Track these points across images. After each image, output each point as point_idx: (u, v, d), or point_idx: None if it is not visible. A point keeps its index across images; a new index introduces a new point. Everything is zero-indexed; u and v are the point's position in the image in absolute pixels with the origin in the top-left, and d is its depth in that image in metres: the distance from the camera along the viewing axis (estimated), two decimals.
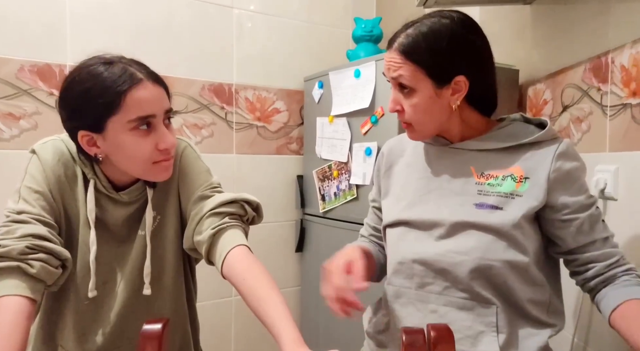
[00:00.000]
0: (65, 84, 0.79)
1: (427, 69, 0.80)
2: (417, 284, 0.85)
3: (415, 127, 0.86)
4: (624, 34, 1.01)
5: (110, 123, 0.76)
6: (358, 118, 1.65)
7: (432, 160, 0.91)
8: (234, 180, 1.96)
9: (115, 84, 0.75)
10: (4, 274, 0.72)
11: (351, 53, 1.94)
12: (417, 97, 0.82)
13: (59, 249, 0.77)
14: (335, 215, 1.80)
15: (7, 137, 1.52)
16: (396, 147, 0.99)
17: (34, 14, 1.53)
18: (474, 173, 0.84)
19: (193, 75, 1.84)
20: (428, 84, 0.81)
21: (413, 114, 0.84)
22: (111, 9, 1.66)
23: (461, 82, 0.81)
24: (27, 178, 0.82)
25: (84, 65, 0.78)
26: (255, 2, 1.96)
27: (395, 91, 0.85)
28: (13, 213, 0.78)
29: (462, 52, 0.81)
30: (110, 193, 0.86)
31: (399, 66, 0.81)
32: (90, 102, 0.75)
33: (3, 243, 0.73)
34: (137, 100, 0.76)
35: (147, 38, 1.74)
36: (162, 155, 0.81)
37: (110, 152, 0.80)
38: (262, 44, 1.99)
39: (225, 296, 1.95)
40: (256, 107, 2.00)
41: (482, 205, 0.81)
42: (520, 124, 0.87)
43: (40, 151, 0.84)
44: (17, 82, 1.52)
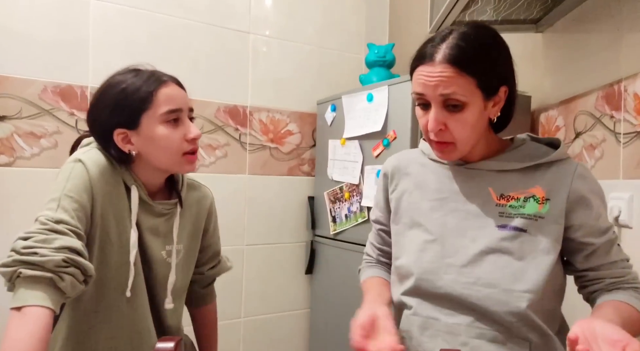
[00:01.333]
0: (101, 90, 0.90)
1: (480, 80, 0.74)
2: (446, 315, 0.79)
3: (458, 146, 0.78)
4: (636, 63, 1.02)
5: (144, 118, 0.87)
6: (370, 141, 1.66)
7: (443, 180, 0.85)
8: (246, 200, 1.97)
9: (146, 83, 0.87)
10: (35, 283, 0.72)
11: (364, 77, 1.97)
12: (468, 113, 0.75)
13: (88, 265, 0.78)
14: (346, 237, 1.80)
15: (27, 155, 1.56)
16: (400, 165, 0.93)
17: (58, 38, 1.59)
18: (493, 195, 0.80)
19: (209, 97, 1.89)
20: (479, 97, 0.75)
21: (461, 131, 0.76)
22: (132, 33, 1.73)
23: (503, 92, 0.78)
24: (69, 187, 0.82)
25: (116, 74, 0.91)
26: (271, 27, 2.02)
27: (439, 109, 0.76)
28: (51, 221, 0.77)
29: (505, 59, 0.78)
30: (148, 200, 0.93)
31: (451, 81, 0.73)
32: (126, 100, 0.86)
33: (41, 252, 0.73)
34: (166, 96, 0.88)
35: (166, 61, 1.79)
36: (190, 145, 0.90)
37: (143, 146, 0.89)
38: (277, 68, 2.04)
39: (233, 318, 1.94)
40: (269, 129, 2.03)
41: (504, 227, 0.77)
42: (533, 144, 0.84)
43: (86, 161, 0.85)
44: (40, 102, 1.57)
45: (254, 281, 1.99)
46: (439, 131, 0.77)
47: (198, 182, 1.08)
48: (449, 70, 0.73)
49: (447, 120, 0.76)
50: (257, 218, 2.00)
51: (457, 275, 0.78)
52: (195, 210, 1.03)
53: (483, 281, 0.76)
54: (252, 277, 1.98)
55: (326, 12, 2.14)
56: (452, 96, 0.73)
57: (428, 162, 0.89)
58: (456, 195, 0.83)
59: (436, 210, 0.84)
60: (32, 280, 0.72)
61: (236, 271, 1.93)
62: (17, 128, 1.55)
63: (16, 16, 1.53)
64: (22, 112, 1.55)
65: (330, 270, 1.94)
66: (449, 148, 0.79)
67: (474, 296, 0.76)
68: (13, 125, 1.54)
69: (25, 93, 1.55)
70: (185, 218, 1.00)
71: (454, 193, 0.83)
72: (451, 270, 0.79)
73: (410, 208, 0.88)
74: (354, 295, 1.73)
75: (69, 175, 0.84)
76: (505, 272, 0.75)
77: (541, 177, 0.79)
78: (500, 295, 0.75)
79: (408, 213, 0.88)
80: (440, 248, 0.81)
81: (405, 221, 0.89)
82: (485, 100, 0.76)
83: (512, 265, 0.75)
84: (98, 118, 0.89)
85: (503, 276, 0.75)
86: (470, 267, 0.78)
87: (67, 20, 1.61)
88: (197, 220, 1.04)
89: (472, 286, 0.76)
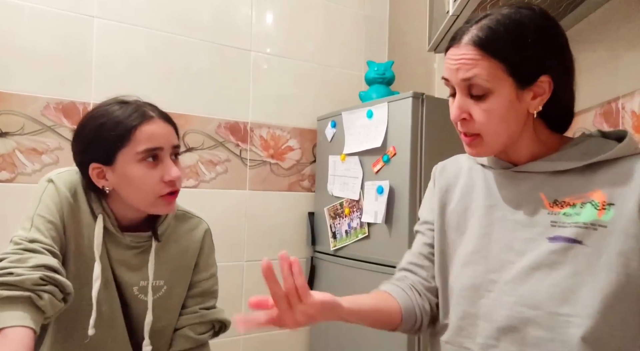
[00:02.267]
0: (83, 121, 0.86)
1: (510, 65, 0.66)
2: (480, 346, 0.70)
3: (485, 139, 0.70)
4: (633, 81, 1.03)
5: (120, 156, 0.82)
6: (370, 157, 1.67)
7: (491, 186, 0.76)
8: (246, 216, 1.97)
9: (127, 119, 0.82)
10: (13, 303, 0.70)
11: (364, 94, 1.99)
12: (493, 101, 0.67)
13: (66, 282, 0.77)
14: (346, 253, 1.79)
15: (29, 171, 1.57)
16: (450, 168, 0.85)
17: (61, 55, 1.61)
18: (545, 201, 0.70)
19: (210, 114, 1.90)
20: (508, 84, 0.67)
21: (487, 121, 0.68)
22: (135, 51, 1.75)
23: (545, 83, 0.68)
24: (42, 207, 0.82)
25: (102, 105, 0.87)
26: (272, 45, 2.05)
27: (462, 96, 0.69)
28: (25, 241, 0.77)
29: (550, 46, 0.67)
30: (116, 231, 0.88)
31: (473, 63, 0.66)
32: (103, 135, 0.82)
33: (17, 271, 0.72)
34: (146, 134, 0.82)
35: (168, 78, 1.81)
36: (167, 188, 0.85)
37: (118, 184, 0.84)
38: (278, 85, 2.06)
39: (233, 335, 1.92)
40: (270, 145, 2.04)
41: (556, 239, 0.66)
42: (599, 139, 0.71)
43: (57, 181, 0.85)
44: (42, 118, 1.59)
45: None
46: (463, 121, 0.70)
47: (192, 213, 1.02)
48: (472, 53, 0.66)
49: (472, 109, 0.69)
50: (257, 234, 2.00)
51: (500, 293, 0.69)
52: (184, 243, 0.97)
53: (527, 302, 0.66)
54: (251, 293, 1.94)
55: (326, 30, 2.17)
56: (473, 80, 0.66)
57: (476, 167, 0.81)
58: (503, 202, 0.73)
59: (482, 219, 0.75)
60: (9, 301, 0.70)
61: (235, 288, 1.91)
62: (19, 144, 1.55)
63: (20, 33, 1.55)
64: (25, 128, 1.56)
65: (330, 286, 1.92)
66: (475, 142, 0.71)
67: (515, 319, 0.66)
68: (15, 141, 1.55)
69: (27, 110, 1.56)
70: (168, 251, 0.94)
71: (500, 201, 0.74)
72: (494, 287, 0.70)
73: (454, 215, 0.80)
74: None
75: (41, 195, 0.83)
76: (552, 291, 0.64)
77: (603, 178, 0.67)
78: (545, 318, 0.64)
79: (452, 220, 0.80)
80: (484, 262, 0.72)
81: (450, 225, 0.80)
82: (518, 90, 0.67)
83: (561, 283, 0.64)
84: (76, 150, 0.86)
85: (549, 296, 0.64)
86: (514, 284, 0.68)
87: (71, 37, 1.63)
88: (187, 253, 0.97)
89: (514, 306, 0.67)
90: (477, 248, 0.74)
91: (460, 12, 1.15)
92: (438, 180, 0.85)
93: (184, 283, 0.97)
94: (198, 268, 0.99)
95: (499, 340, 0.68)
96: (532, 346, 0.65)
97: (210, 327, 0.99)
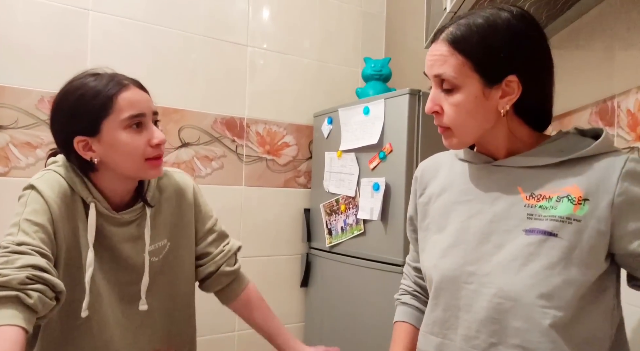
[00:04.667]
0: (59, 96, 0.86)
1: (477, 63, 0.69)
2: (462, 337, 0.72)
3: (454, 131, 0.74)
4: (629, 80, 1.03)
5: (105, 124, 0.84)
6: (366, 154, 1.67)
7: (471, 180, 0.79)
8: (241, 212, 1.97)
9: (105, 88, 0.84)
10: (2, 303, 0.71)
11: (360, 91, 1.99)
12: (460, 95, 0.71)
13: (56, 281, 0.77)
14: (341, 250, 1.80)
15: (23, 165, 1.56)
16: (430, 168, 0.88)
17: (56, 48, 1.60)
18: (522, 194, 0.72)
19: (206, 109, 1.89)
20: (475, 81, 0.70)
21: (454, 115, 0.72)
22: (131, 45, 1.74)
23: (513, 83, 0.70)
24: (27, 211, 0.82)
25: (75, 79, 0.87)
26: (269, 41, 2.04)
27: (436, 90, 0.74)
28: (12, 244, 0.77)
29: (519, 48, 0.70)
30: (111, 213, 0.90)
31: (444, 59, 0.71)
32: (85, 106, 0.83)
33: (3, 272, 0.73)
34: (127, 101, 0.84)
35: (164, 72, 1.80)
36: (154, 151, 0.88)
37: (105, 153, 0.86)
38: (274, 81, 2.05)
39: (227, 331, 1.92)
40: (266, 141, 2.03)
41: (532, 231, 0.68)
42: (575, 137, 0.74)
43: (39, 185, 0.85)
44: (37, 112, 1.57)
45: None
46: (436, 114, 0.75)
47: (168, 169, 1.04)
48: (444, 49, 0.71)
49: (443, 103, 0.73)
50: (252, 230, 1.99)
51: (479, 285, 0.71)
52: (176, 201, 1.00)
53: (505, 293, 0.68)
54: None
55: (323, 26, 2.16)
56: (443, 76, 0.71)
57: (457, 163, 0.84)
58: (482, 195, 0.76)
59: (460, 213, 0.77)
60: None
61: None
62: (13, 138, 1.54)
63: (14, 26, 1.54)
64: (19, 122, 1.55)
65: (325, 283, 1.93)
66: (446, 134, 0.76)
67: (494, 310, 0.69)
68: (9, 135, 1.54)
69: (22, 104, 1.55)
70: (163, 211, 0.98)
71: (480, 194, 0.76)
72: (472, 280, 0.72)
73: (435, 213, 0.83)
74: (350, 309, 1.72)
75: (26, 201, 0.84)
76: (528, 283, 0.66)
77: (579, 174, 0.69)
78: (523, 309, 0.66)
79: (434, 219, 0.82)
80: (462, 254, 0.74)
81: (431, 227, 0.83)
82: (485, 87, 0.70)
83: (537, 274, 0.66)
84: (57, 126, 0.87)
85: (525, 287, 0.66)
86: (492, 276, 0.70)
87: (66, 30, 1.62)
88: (181, 211, 1.01)
89: (493, 298, 0.69)
90: (456, 242, 0.76)
91: (458, 9, 1.15)
92: (419, 182, 0.89)
93: (187, 236, 1.01)
94: (202, 220, 1.05)
95: (479, 332, 0.70)
96: (511, 337, 0.67)
97: (236, 257, 1.09)
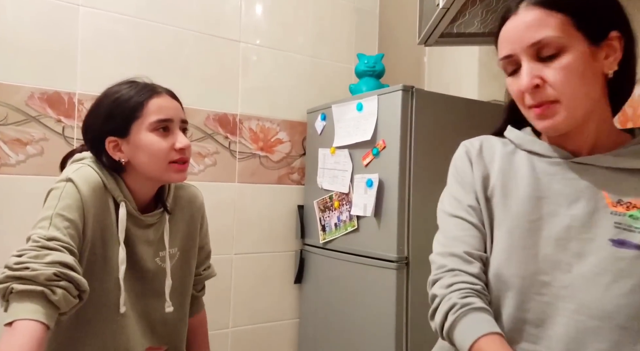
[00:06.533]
0: (97, 101, 0.95)
1: (579, 19, 0.61)
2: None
3: (564, 104, 0.62)
4: None
5: (134, 126, 0.91)
6: (360, 150, 1.67)
7: (540, 176, 0.68)
8: (235, 209, 1.96)
9: (139, 93, 0.92)
10: (27, 297, 0.72)
11: (354, 87, 1.99)
12: (569, 57, 0.61)
13: (81, 280, 0.79)
14: (335, 246, 1.80)
15: (12, 162, 1.54)
16: (487, 151, 0.75)
17: (46, 43, 1.58)
18: (608, 199, 0.63)
19: (198, 105, 1.88)
20: (580, 40, 0.61)
21: (564, 81, 0.61)
22: (121, 40, 1.72)
23: (616, 39, 0.63)
24: (61, 205, 0.83)
25: (114, 85, 0.96)
26: (262, 36, 2.03)
27: (531, 62, 0.63)
28: (43, 239, 0.79)
29: (612, 2, 0.64)
30: (137, 214, 0.95)
31: (539, 23, 0.61)
32: (118, 108, 0.91)
33: (32, 266, 0.74)
34: (157, 106, 0.91)
35: (156, 68, 1.78)
36: (178, 155, 0.93)
37: (133, 154, 0.92)
38: (267, 77, 2.04)
39: (221, 328, 1.92)
40: (259, 137, 2.03)
41: (623, 243, 0.60)
42: None
43: (77, 180, 0.87)
44: (27, 108, 1.55)
45: (243, 291, 1.96)
46: (536, 88, 0.62)
47: (185, 181, 1.08)
48: (535, 13, 0.62)
49: (544, 72, 0.62)
50: (246, 227, 1.99)
51: (554, 298, 0.62)
52: (188, 211, 1.07)
53: (590, 311, 0.59)
54: (240, 287, 1.96)
55: (317, 22, 2.15)
56: (545, 41, 0.61)
57: (518, 153, 0.72)
58: (556, 195, 0.65)
59: (528, 212, 0.66)
60: (23, 295, 0.72)
61: (224, 281, 1.91)
62: (3, 134, 1.52)
63: (3, 21, 1.52)
64: (8, 119, 1.53)
65: (319, 280, 1.93)
66: (552, 110, 0.62)
67: (574, 328, 0.60)
68: None
69: (11, 100, 1.53)
70: (177, 221, 1.04)
71: (553, 194, 0.66)
72: (546, 291, 0.63)
73: (494, 208, 0.71)
74: (344, 305, 1.72)
75: (61, 194, 0.85)
76: (620, 303, 0.58)
77: None
78: (610, 332, 0.57)
79: (492, 214, 0.71)
80: (533, 260, 0.64)
81: (486, 222, 0.71)
82: (591, 46, 0.61)
83: (631, 294, 0.57)
84: (91, 126, 0.94)
85: (616, 307, 0.58)
86: (573, 290, 0.61)
87: (56, 26, 1.60)
88: (192, 220, 1.07)
89: (573, 315, 0.60)
90: (523, 244, 0.65)
91: (450, 5, 1.15)
92: (476, 162, 0.74)
93: (193, 248, 1.07)
94: (203, 233, 1.11)
95: (550, 349, 0.61)
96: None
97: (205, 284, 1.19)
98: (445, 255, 0.69)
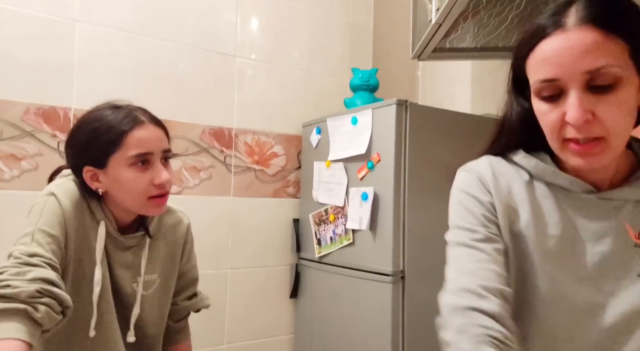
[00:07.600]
0: (77, 124, 0.90)
1: (636, 47, 0.53)
2: None
3: (610, 142, 0.55)
4: None
5: (112, 160, 0.86)
6: (355, 164, 1.68)
7: (566, 211, 0.63)
8: (230, 222, 1.96)
9: (119, 124, 0.86)
10: (9, 316, 0.70)
11: (348, 101, 2.01)
12: (624, 92, 0.53)
13: (64, 296, 0.77)
14: (331, 260, 1.79)
15: (7, 177, 1.53)
16: (500, 176, 0.67)
17: (42, 59, 1.59)
18: (631, 233, 0.60)
19: (194, 120, 1.89)
20: (633, 71, 0.54)
21: (619, 120, 0.54)
22: (118, 55, 1.73)
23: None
24: (43, 221, 0.82)
25: (95, 109, 0.90)
26: (257, 51, 2.05)
27: (581, 92, 0.54)
28: (25, 255, 0.77)
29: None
30: (117, 235, 0.92)
31: (599, 49, 0.52)
32: (96, 140, 0.86)
33: (14, 284, 0.72)
34: (136, 139, 0.86)
35: (152, 83, 1.79)
36: (156, 190, 0.88)
37: (110, 186, 0.88)
38: (263, 91, 2.06)
39: (216, 344, 1.89)
40: (255, 151, 2.03)
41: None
42: None
43: (59, 195, 0.85)
44: (22, 123, 1.55)
45: (237, 306, 1.95)
46: (585, 123, 0.53)
47: (173, 207, 1.06)
48: (593, 35, 0.52)
49: (596, 106, 0.53)
50: (241, 241, 1.98)
51: (592, 342, 0.58)
52: (170, 237, 1.02)
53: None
54: (235, 301, 1.94)
55: (312, 37, 2.18)
56: (603, 70, 0.52)
57: (538, 183, 0.65)
58: (585, 232, 0.61)
59: (558, 251, 0.62)
60: (5, 313, 0.70)
61: (219, 296, 1.89)
62: None
63: (0, 37, 1.52)
64: (3, 134, 1.53)
65: (315, 294, 1.92)
66: (599, 148, 0.55)
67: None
68: None
69: (7, 115, 1.53)
70: (158, 247, 0.99)
71: (582, 230, 0.61)
72: (585, 335, 0.59)
73: (525, 245, 0.64)
74: (340, 319, 1.71)
75: (42, 209, 0.84)
76: None
77: None
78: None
79: (521, 250, 0.64)
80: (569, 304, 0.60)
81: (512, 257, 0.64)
82: (638, 77, 0.54)
83: None
84: (70, 153, 0.90)
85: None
86: (612, 333, 0.57)
87: (52, 41, 1.61)
88: (174, 247, 1.03)
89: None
90: (558, 289, 0.61)
91: (443, 21, 1.17)
92: (495, 190, 0.66)
93: (173, 275, 1.03)
94: (184, 259, 1.06)
95: None
96: None
97: (187, 313, 1.09)
98: (457, 291, 0.60)
